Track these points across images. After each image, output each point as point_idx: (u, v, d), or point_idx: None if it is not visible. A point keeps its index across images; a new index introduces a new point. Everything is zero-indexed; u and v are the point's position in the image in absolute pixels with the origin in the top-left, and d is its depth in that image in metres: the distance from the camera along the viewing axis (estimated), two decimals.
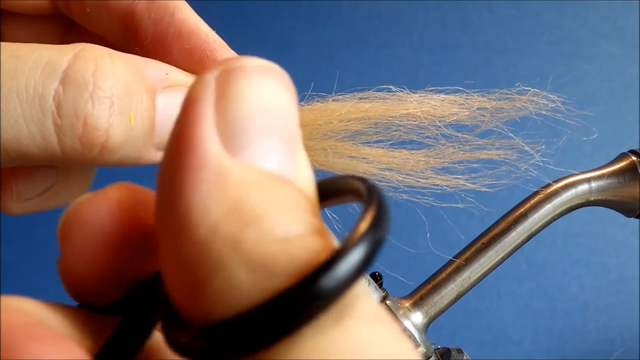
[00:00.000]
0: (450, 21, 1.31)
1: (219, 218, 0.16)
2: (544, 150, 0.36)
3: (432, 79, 1.20)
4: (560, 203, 0.47)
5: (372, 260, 0.16)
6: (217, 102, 0.17)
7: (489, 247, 0.47)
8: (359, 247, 0.16)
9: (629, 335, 1.07)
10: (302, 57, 1.29)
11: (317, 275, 0.15)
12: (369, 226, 0.17)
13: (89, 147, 0.25)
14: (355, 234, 0.17)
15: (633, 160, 0.49)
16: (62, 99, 0.24)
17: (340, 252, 0.16)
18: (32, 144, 0.25)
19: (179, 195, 0.16)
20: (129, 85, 0.26)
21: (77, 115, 0.25)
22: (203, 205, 0.16)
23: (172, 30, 0.30)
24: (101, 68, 0.25)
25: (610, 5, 1.29)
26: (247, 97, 0.17)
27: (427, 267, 0.48)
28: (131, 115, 0.26)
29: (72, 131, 0.25)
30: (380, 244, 0.17)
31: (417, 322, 0.46)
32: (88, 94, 0.25)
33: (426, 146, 0.34)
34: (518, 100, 0.34)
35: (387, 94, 0.33)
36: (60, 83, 0.25)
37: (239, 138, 0.17)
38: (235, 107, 0.17)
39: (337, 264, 0.15)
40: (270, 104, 0.18)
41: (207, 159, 0.16)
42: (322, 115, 0.32)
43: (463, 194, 0.35)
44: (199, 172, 0.16)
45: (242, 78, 0.17)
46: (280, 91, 0.18)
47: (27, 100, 0.24)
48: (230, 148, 0.17)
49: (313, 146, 0.32)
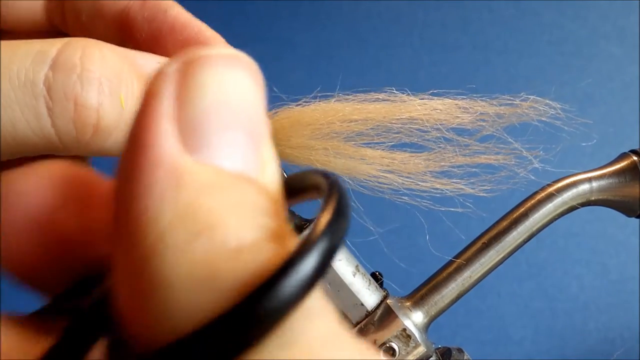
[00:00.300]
0: (450, 21, 1.31)
1: (169, 224, 0.15)
2: (544, 154, 0.36)
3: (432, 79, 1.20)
4: (561, 203, 0.47)
5: (324, 272, 0.15)
6: (177, 96, 0.16)
7: (490, 246, 0.47)
8: (309, 258, 0.14)
9: (629, 335, 1.07)
10: (302, 57, 1.29)
11: (259, 294, 0.14)
12: (321, 233, 0.15)
13: (82, 129, 0.26)
14: (306, 241, 0.15)
15: (634, 160, 0.49)
16: (52, 83, 0.25)
17: (287, 265, 0.14)
18: (28, 129, 0.25)
19: (132, 196, 0.15)
20: (118, 69, 0.27)
21: (67, 97, 0.25)
22: (155, 208, 0.15)
23: (165, 25, 0.31)
24: (88, 53, 0.26)
25: (610, 5, 1.29)
26: (208, 90, 0.16)
27: (428, 266, 0.48)
28: (122, 97, 0.26)
29: (64, 113, 0.25)
30: (334, 252, 0.15)
31: (418, 321, 0.46)
32: (76, 76, 0.25)
33: (427, 149, 0.34)
34: (519, 106, 0.34)
35: (389, 96, 0.33)
36: (49, 69, 0.25)
37: (199, 135, 0.16)
38: (195, 101, 0.16)
39: (281, 281, 0.14)
40: (234, 97, 0.17)
41: (161, 158, 0.15)
42: (324, 116, 0.32)
43: (462, 198, 0.35)
44: (153, 172, 0.15)
45: (204, 69, 0.16)
46: (245, 82, 0.17)
47: (19, 86, 0.25)
48: (188, 146, 0.16)
49: (315, 146, 0.32)
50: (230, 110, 0.16)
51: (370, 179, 0.33)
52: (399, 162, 0.33)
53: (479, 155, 0.35)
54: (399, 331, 0.44)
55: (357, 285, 0.44)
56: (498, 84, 1.24)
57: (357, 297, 0.44)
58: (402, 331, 0.44)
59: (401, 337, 0.44)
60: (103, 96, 0.26)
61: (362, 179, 0.33)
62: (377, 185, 0.33)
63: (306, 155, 0.32)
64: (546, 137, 0.37)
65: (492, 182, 0.35)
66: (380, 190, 0.34)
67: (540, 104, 0.35)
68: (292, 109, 0.33)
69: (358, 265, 0.44)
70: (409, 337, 0.44)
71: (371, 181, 0.33)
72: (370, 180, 0.33)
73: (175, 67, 0.17)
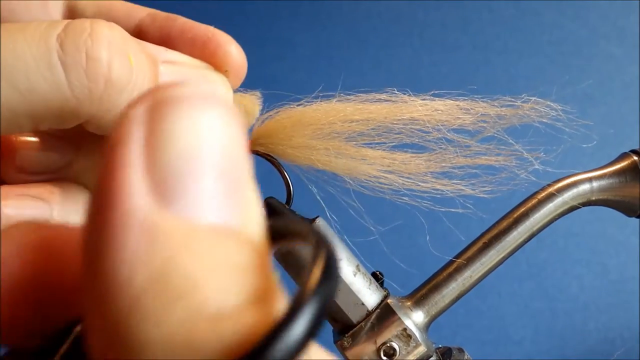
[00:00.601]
0: (450, 21, 1.31)
1: (144, 287, 0.14)
2: (544, 155, 0.36)
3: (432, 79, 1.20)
4: (561, 203, 0.47)
5: (311, 339, 0.14)
6: (146, 143, 0.15)
7: (490, 246, 0.47)
8: (296, 325, 0.13)
9: (629, 335, 1.07)
10: (302, 57, 1.29)
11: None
12: (305, 301, 0.14)
13: (94, 80, 0.26)
14: (290, 310, 0.14)
15: (634, 160, 0.49)
16: (64, 39, 0.26)
17: (270, 337, 0.13)
18: (44, 83, 0.25)
19: (103, 255, 0.14)
20: (125, 36, 0.28)
21: (79, 49, 0.26)
22: (128, 269, 0.14)
23: (175, 29, 0.32)
24: (97, 22, 0.27)
25: (610, 5, 1.29)
26: (179, 135, 0.15)
27: (428, 266, 0.48)
28: (130, 57, 0.27)
29: (77, 64, 0.26)
30: (322, 317, 0.14)
31: (418, 321, 0.46)
32: (87, 34, 0.27)
33: (428, 150, 0.34)
34: (520, 107, 0.34)
35: (390, 96, 0.33)
36: (62, 30, 0.27)
37: (172, 185, 0.15)
38: (166, 148, 0.15)
39: (264, 354, 0.13)
40: (208, 141, 0.15)
41: (132, 214, 0.14)
42: (325, 116, 0.32)
43: (462, 199, 0.35)
44: (124, 230, 0.14)
45: (175, 112, 0.15)
46: (218, 123, 0.16)
47: (34, 44, 0.26)
48: (161, 199, 0.14)
49: (316, 146, 0.32)
50: (204, 156, 0.15)
51: (371, 179, 0.33)
52: (399, 163, 0.33)
53: (480, 156, 0.35)
54: (400, 331, 0.44)
55: (358, 284, 0.44)
56: (498, 84, 1.24)
57: (357, 296, 0.44)
58: (403, 331, 0.44)
59: (402, 336, 0.44)
60: (112, 53, 0.27)
61: (363, 179, 0.33)
62: (378, 186, 0.33)
63: (307, 155, 0.32)
64: (547, 138, 0.37)
65: (493, 183, 0.35)
66: (381, 190, 0.34)
67: (541, 106, 0.35)
68: (294, 109, 0.33)
69: (359, 264, 0.44)
70: (409, 337, 0.44)
71: (372, 181, 0.33)
72: (371, 181, 0.33)
73: (143, 108, 0.15)
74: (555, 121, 0.36)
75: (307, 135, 0.32)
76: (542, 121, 0.35)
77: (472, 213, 0.36)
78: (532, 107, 0.35)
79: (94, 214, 0.15)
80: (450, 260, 0.47)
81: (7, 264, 0.18)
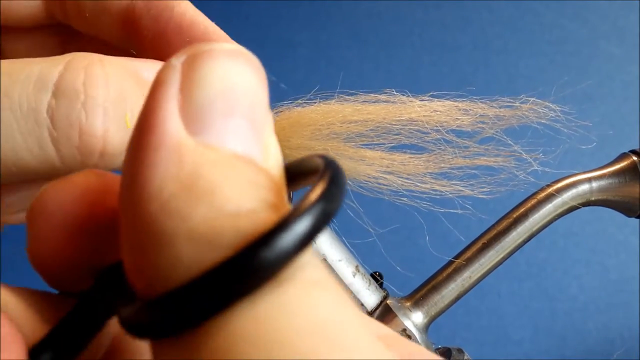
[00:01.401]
0: (450, 21, 1.31)
1: (172, 194, 0.16)
2: (543, 156, 0.36)
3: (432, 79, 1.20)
4: (560, 203, 0.47)
5: (317, 233, 0.16)
6: (182, 85, 0.17)
7: (490, 247, 0.47)
8: (304, 218, 0.16)
9: (629, 335, 1.07)
10: (302, 57, 1.29)
11: (256, 246, 0.15)
12: (316, 198, 0.16)
13: (87, 155, 0.26)
14: (301, 205, 0.16)
15: (634, 160, 0.49)
16: (55, 112, 0.25)
17: (283, 223, 0.15)
18: (31, 156, 0.25)
19: (137, 173, 0.16)
20: (123, 88, 0.26)
21: (72, 126, 0.25)
22: (159, 182, 0.16)
23: (172, 24, 0.31)
24: (91, 76, 0.26)
25: (610, 5, 1.29)
26: (211, 80, 0.17)
27: (428, 267, 0.49)
28: (127, 117, 0.26)
29: (69, 141, 0.25)
30: (328, 217, 0.16)
31: (418, 321, 0.46)
32: (80, 104, 0.25)
33: (427, 151, 0.34)
34: (519, 108, 0.34)
35: (389, 97, 0.33)
36: (52, 96, 0.25)
37: (202, 119, 0.17)
38: (200, 89, 0.17)
39: (277, 236, 0.15)
40: (236, 87, 0.17)
41: (165, 138, 0.16)
42: (324, 117, 0.32)
43: (461, 200, 0.35)
44: (157, 150, 0.16)
45: (208, 61, 0.17)
46: (247, 74, 0.18)
47: (22, 115, 0.24)
48: (192, 129, 0.17)
49: (315, 147, 0.32)
50: (233, 98, 0.17)
51: (370, 180, 0.33)
52: (398, 164, 0.33)
53: (479, 157, 0.35)
54: (399, 331, 0.44)
55: (357, 285, 0.44)
56: (498, 84, 1.24)
57: (357, 297, 0.44)
58: (402, 331, 0.44)
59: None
60: (108, 122, 0.26)
61: (362, 180, 0.33)
62: (377, 186, 0.33)
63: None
64: (546, 139, 0.37)
65: (492, 183, 0.35)
66: (379, 191, 0.34)
67: (540, 106, 0.35)
68: (292, 110, 0.33)
69: (358, 265, 0.44)
70: (409, 337, 0.44)
71: (371, 182, 0.33)
72: (370, 181, 0.33)
73: (181, 59, 0.18)
74: (554, 122, 0.36)
75: (305, 136, 0.32)
76: (541, 122, 0.35)
77: (471, 214, 0.36)
78: (531, 108, 0.35)
79: (134, 137, 0.17)
80: (450, 261, 0.47)
81: (71, 208, 0.20)
